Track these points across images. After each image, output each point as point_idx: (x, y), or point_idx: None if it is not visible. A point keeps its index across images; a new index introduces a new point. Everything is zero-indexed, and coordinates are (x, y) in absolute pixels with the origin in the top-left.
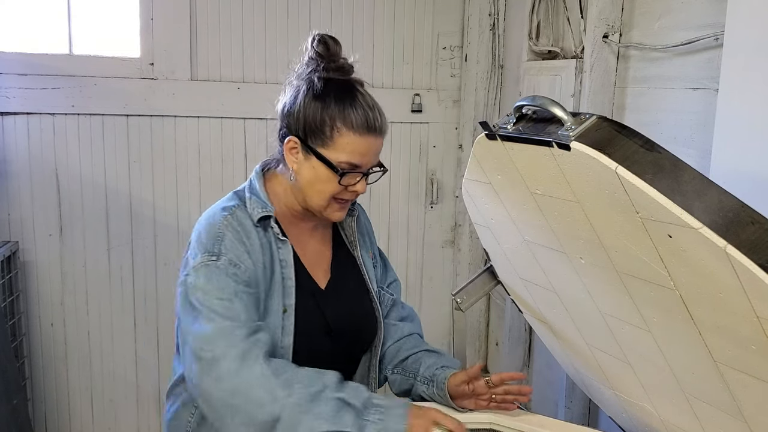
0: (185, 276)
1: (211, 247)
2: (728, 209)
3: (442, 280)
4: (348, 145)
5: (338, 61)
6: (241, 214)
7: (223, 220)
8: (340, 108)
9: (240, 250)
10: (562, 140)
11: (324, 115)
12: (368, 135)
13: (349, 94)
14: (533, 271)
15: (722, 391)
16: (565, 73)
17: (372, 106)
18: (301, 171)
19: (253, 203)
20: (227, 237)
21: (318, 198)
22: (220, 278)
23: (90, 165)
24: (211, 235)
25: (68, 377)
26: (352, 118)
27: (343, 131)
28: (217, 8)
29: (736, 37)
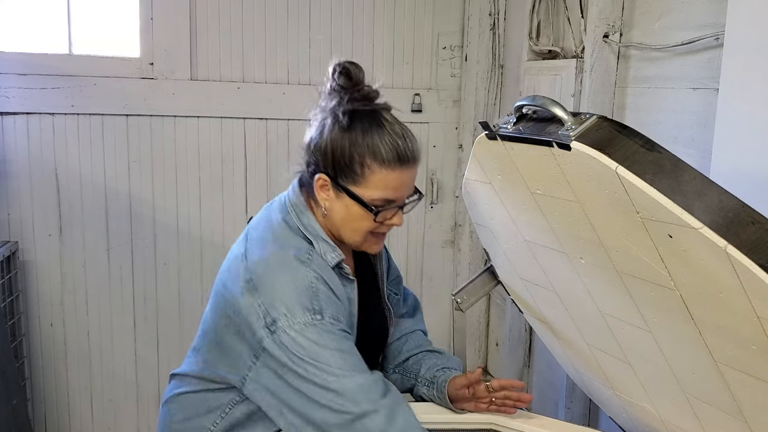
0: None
1: (309, 305)
2: (728, 209)
3: (442, 280)
4: (380, 182)
5: (362, 90)
6: (319, 262)
7: (311, 273)
8: (369, 142)
9: (336, 303)
10: (562, 140)
11: (352, 152)
12: (401, 167)
13: (377, 124)
14: (533, 271)
15: (722, 391)
16: (565, 72)
17: (401, 134)
18: (333, 208)
19: (322, 247)
20: (321, 291)
21: (353, 234)
22: (333, 335)
23: (90, 165)
24: (302, 289)
25: (68, 377)
26: (381, 151)
27: (374, 167)
28: (217, 8)
29: (736, 37)
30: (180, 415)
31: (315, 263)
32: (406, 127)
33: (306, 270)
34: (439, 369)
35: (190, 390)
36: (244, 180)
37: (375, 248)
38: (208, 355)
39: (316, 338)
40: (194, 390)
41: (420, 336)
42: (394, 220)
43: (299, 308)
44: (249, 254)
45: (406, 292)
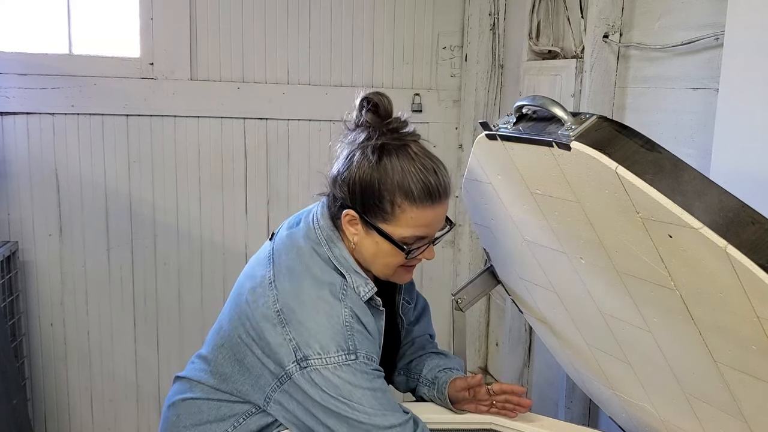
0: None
1: (344, 345)
2: (728, 209)
3: (442, 280)
4: (412, 220)
5: (391, 124)
6: (353, 297)
7: (345, 309)
8: (398, 180)
9: (370, 340)
10: (562, 140)
11: (382, 190)
12: (432, 205)
13: (406, 160)
14: (533, 271)
15: (722, 391)
16: (565, 72)
17: (432, 168)
18: (363, 243)
19: (355, 281)
20: (356, 330)
21: (384, 269)
22: (366, 375)
23: (90, 165)
24: (337, 329)
25: (68, 377)
26: (412, 189)
27: (404, 206)
28: (217, 8)
29: (736, 37)
30: (189, 420)
31: (349, 299)
32: (436, 159)
33: (340, 307)
34: (441, 370)
35: (201, 397)
36: (244, 180)
37: (405, 278)
38: (225, 369)
39: (349, 378)
40: (206, 398)
41: (425, 339)
42: (425, 254)
43: (333, 347)
44: (278, 283)
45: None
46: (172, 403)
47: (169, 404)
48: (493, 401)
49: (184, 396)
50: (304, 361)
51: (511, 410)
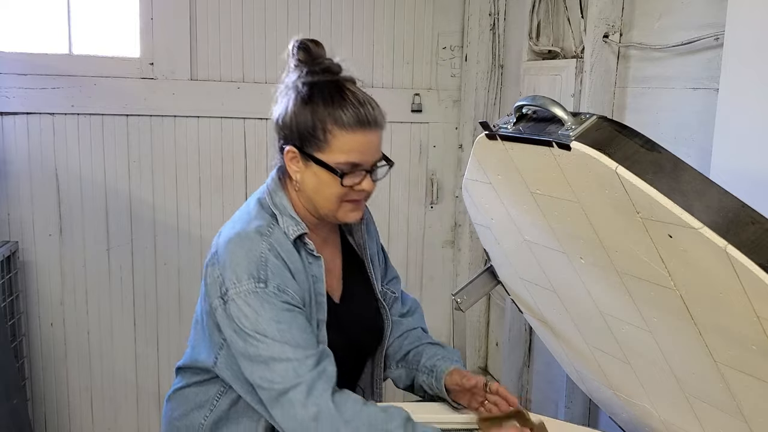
0: (226, 302)
1: (256, 273)
2: (728, 209)
3: (442, 280)
4: (344, 145)
5: (323, 63)
6: (278, 236)
7: (263, 243)
8: (330, 109)
9: (284, 274)
10: (562, 140)
11: (314, 119)
12: (362, 130)
13: (338, 93)
14: (533, 271)
15: (722, 391)
16: (565, 72)
17: (363, 101)
18: (304, 179)
19: (286, 222)
20: (271, 261)
21: (327, 203)
22: (273, 305)
23: (90, 165)
24: (252, 259)
25: (68, 377)
26: (342, 116)
27: (335, 131)
28: (217, 8)
29: (736, 37)
30: (178, 410)
31: (274, 237)
32: (368, 95)
33: (260, 242)
34: (440, 359)
35: (185, 384)
36: (244, 180)
37: (352, 216)
38: (196, 340)
39: (257, 306)
40: (188, 384)
41: (419, 331)
42: (364, 185)
43: (246, 276)
44: (222, 234)
45: (405, 296)
46: (168, 397)
47: (166, 398)
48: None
49: (175, 387)
50: (225, 294)
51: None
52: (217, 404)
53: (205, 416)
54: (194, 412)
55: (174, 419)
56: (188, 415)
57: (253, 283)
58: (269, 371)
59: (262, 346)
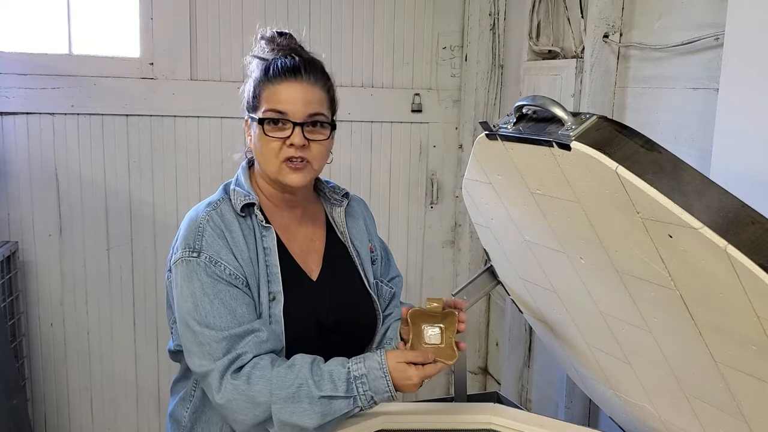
0: (167, 272)
1: (192, 243)
2: (728, 209)
3: (442, 280)
4: (269, 97)
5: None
6: (224, 207)
7: (204, 215)
8: (264, 71)
9: (220, 245)
10: (562, 140)
11: (254, 84)
12: (287, 80)
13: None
14: (533, 271)
15: (722, 391)
16: (565, 72)
17: (300, 59)
18: (253, 145)
19: (237, 194)
20: (207, 232)
21: (268, 164)
22: (200, 277)
23: (90, 165)
24: (191, 230)
25: (68, 377)
26: (272, 71)
27: (264, 86)
28: (217, 8)
29: (736, 37)
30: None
31: (219, 209)
32: (313, 57)
33: (204, 214)
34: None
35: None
36: None
37: (293, 178)
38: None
39: (184, 275)
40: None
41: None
42: (293, 138)
43: (182, 245)
44: None
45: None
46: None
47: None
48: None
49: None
50: (168, 263)
51: None
52: (193, 395)
53: (186, 408)
54: (179, 406)
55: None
56: (176, 409)
57: (187, 252)
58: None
59: (184, 319)
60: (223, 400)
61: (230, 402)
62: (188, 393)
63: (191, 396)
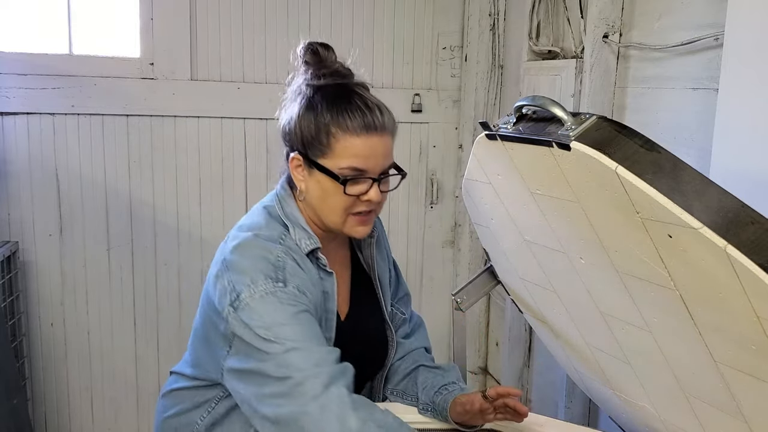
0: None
1: (273, 274)
2: (728, 209)
3: (442, 280)
4: (347, 150)
5: (331, 66)
6: (291, 244)
7: (279, 248)
8: (334, 112)
9: (304, 278)
10: (562, 140)
11: (318, 123)
12: (368, 134)
13: (344, 97)
14: (533, 271)
15: (722, 391)
16: (565, 73)
17: (370, 105)
18: (308, 188)
19: (298, 234)
20: (288, 264)
21: (331, 215)
22: (293, 306)
23: (90, 165)
24: (269, 262)
25: (68, 377)
26: (347, 118)
27: (338, 135)
28: (217, 8)
29: (736, 37)
30: (174, 409)
31: (287, 245)
32: (378, 100)
33: (276, 246)
34: (436, 392)
35: (183, 386)
36: (244, 180)
37: (359, 230)
38: (198, 354)
39: (275, 307)
40: (187, 386)
41: (419, 352)
42: (371, 194)
43: (262, 277)
44: (228, 241)
45: (411, 313)
46: (162, 395)
47: (160, 396)
48: (494, 407)
49: (170, 387)
50: (237, 300)
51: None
52: (215, 406)
53: (202, 416)
54: (191, 412)
55: (168, 417)
56: (184, 413)
57: (271, 283)
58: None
59: (277, 346)
60: (315, 407)
61: (324, 409)
62: (208, 402)
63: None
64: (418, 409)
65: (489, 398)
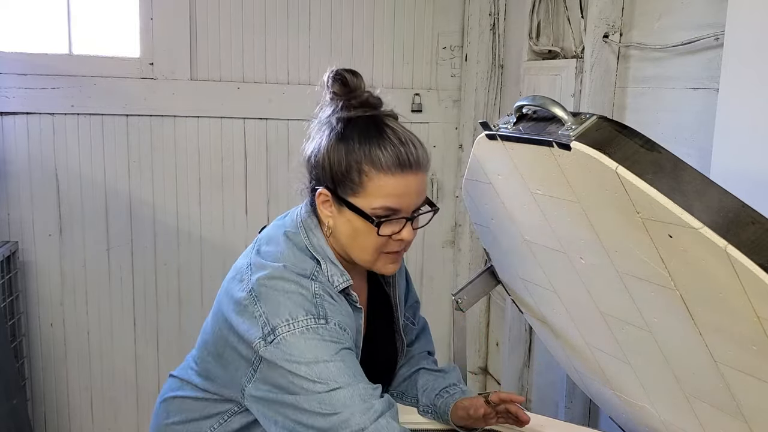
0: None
1: (314, 311)
2: (728, 209)
3: (442, 280)
4: (380, 189)
5: (361, 97)
6: (324, 281)
7: (315, 284)
8: (366, 149)
9: (342, 314)
10: (562, 140)
11: (350, 160)
12: (402, 173)
13: (376, 130)
14: (533, 271)
15: (722, 391)
16: (565, 72)
17: (404, 140)
18: (337, 225)
19: (330, 270)
20: (327, 300)
21: (362, 254)
22: (336, 344)
23: (90, 165)
24: (306, 297)
25: (68, 377)
26: (380, 157)
27: (372, 174)
28: (217, 8)
29: (736, 37)
30: (178, 417)
31: (320, 280)
32: (411, 134)
33: (311, 283)
34: (437, 395)
35: (189, 396)
36: (244, 180)
37: (390, 268)
38: (208, 367)
39: (317, 342)
40: (194, 396)
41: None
42: (404, 234)
43: (302, 313)
44: (254, 268)
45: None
46: (163, 400)
47: (160, 400)
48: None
49: (174, 394)
50: (272, 334)
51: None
52: (228, 420)
53: (212, 426)
54: (199, 422)
55: (172, 424)
56: (189, 423)
57: (313, 319)
58: (329, 400)
59: (321, 386)
60: None
61: None
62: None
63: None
64: (419, 410)
65: (491, 403)
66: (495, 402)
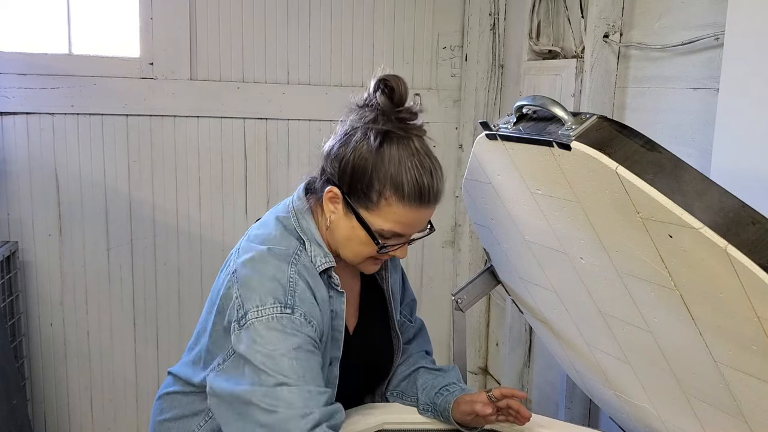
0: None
1: (283, 298)
2: (729, 209)
3: (442, 280)
4: (394, 216)
5: (401, 113)
6: (306, 262)
7: (292, 267)
8: (394, 171)
9: (312, 303)
10: (562, 140)
11: (374, 178)
12: (419, 206)
13: (406, 153)
14: (533, 271)
15: (722, 391)
16: (565, 72)
17: (429, 168)
18: (338, 224)
19: (314, 250)
20: (300, 287)
21: (352, 256)
22: (295, 336)
23: (90, 165)
24: (280, 282)
25: (68, 377)
26: (404, 185)
27: (392, 201)
28: (217, 8)
29: (736, 37)
30: (170, 413)
31: (301, 263)
32: (436, 161)
33: (287, 267)
34: (437, 392)
35: (181, 390)
36: (244, 180)
37: (372, 268)
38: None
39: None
40: (184, 391)
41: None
42: (398, 252)
43: (271, 299)
44: (241, 252)
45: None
46: (159, 396)
47: (157, 397)
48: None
49: (168, 390)
50: (243, 318)
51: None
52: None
53: (200, 425)
54: (188, 419)
55: (165, 420)
56: (180, 420)
57: (279, 307)
58: (274, 394)
59: (270, 379)
60: None
61: None
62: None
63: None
64: (418, 409)
65: (493, 398)
66: (497, 397)
